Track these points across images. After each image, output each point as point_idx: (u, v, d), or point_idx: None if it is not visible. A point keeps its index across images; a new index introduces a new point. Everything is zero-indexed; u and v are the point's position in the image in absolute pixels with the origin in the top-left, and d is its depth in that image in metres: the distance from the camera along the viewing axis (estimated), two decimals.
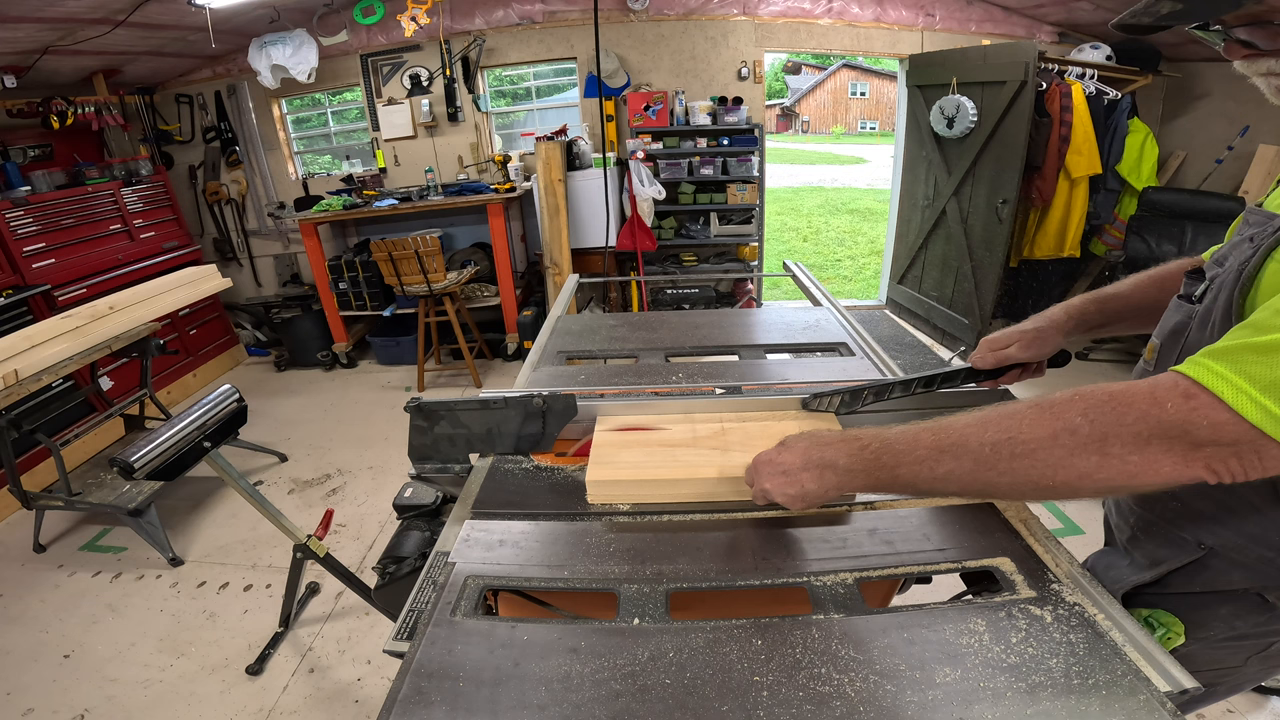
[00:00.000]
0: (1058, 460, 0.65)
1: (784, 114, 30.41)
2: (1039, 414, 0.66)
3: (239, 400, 1.75)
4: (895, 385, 1.06)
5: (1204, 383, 0.60)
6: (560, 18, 4.27)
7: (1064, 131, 3.41)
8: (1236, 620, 0.74)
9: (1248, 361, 0.58)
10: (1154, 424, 0.61)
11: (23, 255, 3.36)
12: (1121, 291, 1.05)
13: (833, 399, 1.07)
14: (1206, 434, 0.60)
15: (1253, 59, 0.66)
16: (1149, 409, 0.62)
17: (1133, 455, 0.62)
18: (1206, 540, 0.74)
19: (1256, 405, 0.57)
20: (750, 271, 4.67)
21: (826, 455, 0.78)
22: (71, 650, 2.20)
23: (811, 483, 0.78)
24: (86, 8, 3.09)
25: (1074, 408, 0.65)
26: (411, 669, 0.67)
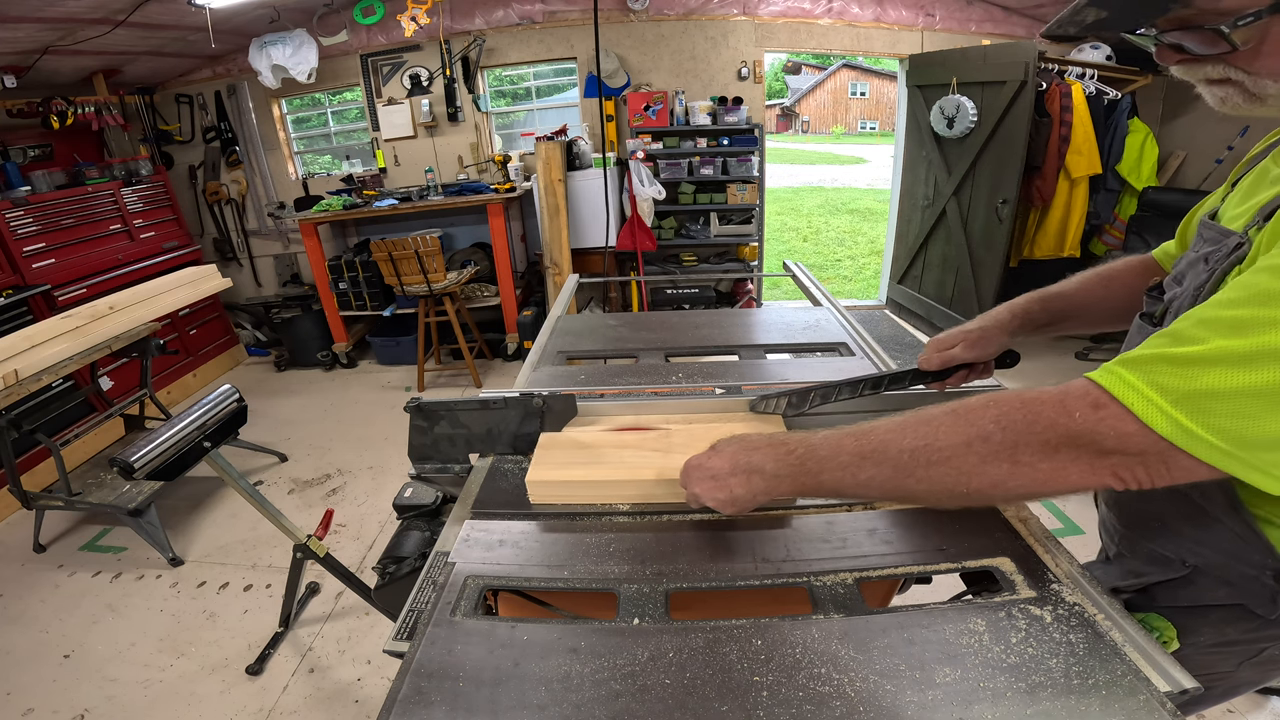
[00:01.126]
0: (971, 467, 0.65)
1: (784, 114, 30.42)
2: (954, 420, 0.66)
3: (239, 400, 1.75)
4: (843, 386, 1.05)
5: (1114, 393, 0.59)
6: (560, 18, 4.27)
7: (1064, 131, 3.41)
8: (1226, 627, 0.73)
9: (1161, 372, 0.58)
10: (1062, 432, 0.61)
11: (23, 255, 3.36)
12: (1067, 290, 1.04)
13: (779, 401, 1.06)
14: (1113, 443, 0.60)
15: (1187, 64, 0.64)
16: (1058, 417, 0.62)
17: (1042, 463, 0.63)
18: (1190, 559, 0.74)
19: (1167, 417, 0.57)
20: (750, 271, 4.67)
21: (753, 460, 0.77)
22: (71, 650, 2.21)
23: (740, 488, 0.78)
24: (86, 8, 3.09)
25: (987, 414, 0.65)
26: (411, 669, 0.67)
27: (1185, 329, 0.59)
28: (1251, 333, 0.54)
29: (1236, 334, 0.55)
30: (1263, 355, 0.53)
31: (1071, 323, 1.04)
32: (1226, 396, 0.54)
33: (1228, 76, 0.62)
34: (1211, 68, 0.63)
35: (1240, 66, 0.60)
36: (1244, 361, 0.54)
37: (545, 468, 0.96)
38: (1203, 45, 0.60)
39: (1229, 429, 0.55)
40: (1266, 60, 0.58)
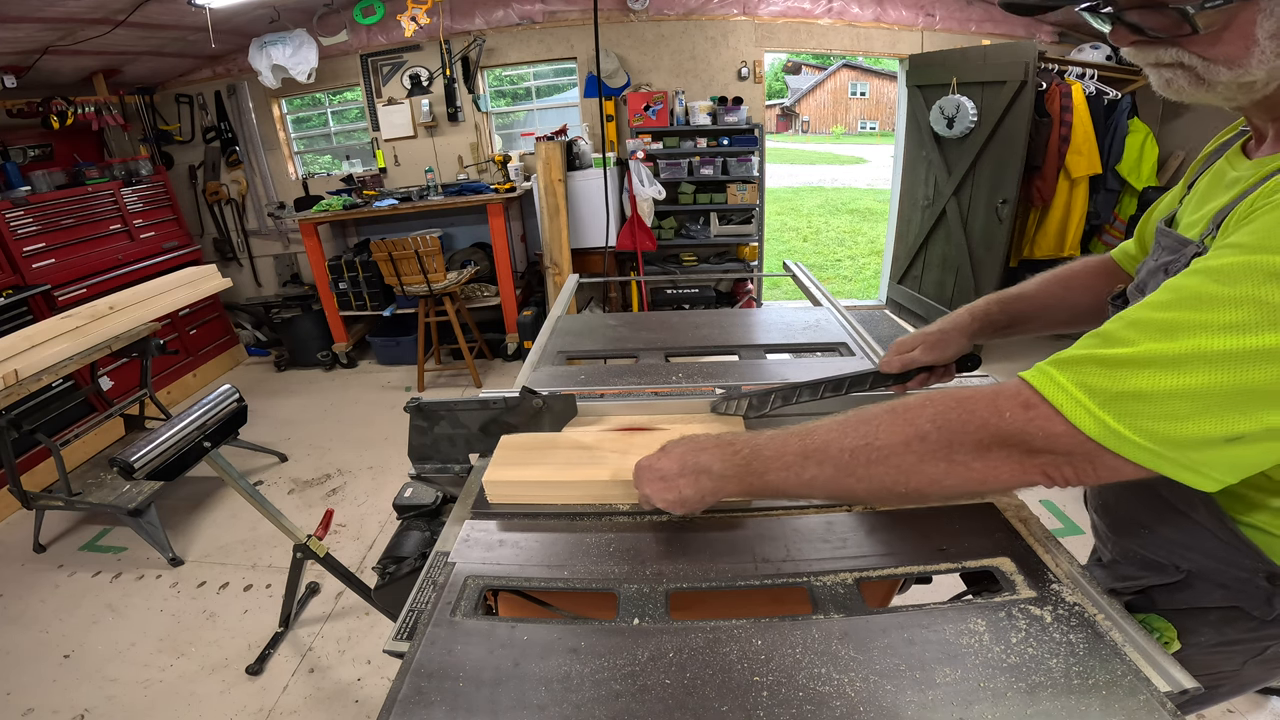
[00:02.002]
0: (910, 466, 0.66)
1: (784, 114, 30.42)
2: (893, 419, 0.67)
3: (239, 400, 1.75)
4: (803, 389, 1.05)
5: (1044, 393, 0.60)
6: (560, 18, 4.27)
7: (1064, 131, 3.41)
8: (1225, 627, 0.73)
9: (1090, 373, 0.58)
10: (994, 432, 0.62)
11: (23, 255, 3.36)
12: (1026, 292, 1.04)
13: (740, 402, 1.06)
14: (1042, 443, 0.60)
15: (1141, 46, 0.63)
16: (989, 417, 0.62)
17: (976, 462, 0.64)
18: (1182, 564, 0.74)
19: (1094, 418, 0.57)
20: (750, 271, 4.67)
21: (701, 460, 0.78)
22: (71, 650, 2.21)
23: (688, 488, 0.78)
24: (86, 8, 3.09)
25: (924, 413, 0.66)
26: (411, 669, 0.67)
27: (1116, 330, 0.59)
28: (1181, 336, 0.54)
29: (1166, 337, 0.55)
30: (1191, 358, 0.53)
31: (1031, 324, 1.05)
32: (1154, 399, 0.55)
33: (1180, 61, 0.61)
34: (1165, 51, 0.61)
35: (1196, 52, 0.59)
36: (1172, 364, 0.54)
37: (502, 468, 0.96)
38: (1162, 26, 0.59)
39: (1156, 430, 0.55)
40: (1225, 47, 0.57)
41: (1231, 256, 0.55)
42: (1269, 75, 0.58)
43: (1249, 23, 0.55)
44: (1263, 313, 0.51)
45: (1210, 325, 0.53)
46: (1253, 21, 0.55)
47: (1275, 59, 0.56)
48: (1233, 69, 0.58)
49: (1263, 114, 0.67)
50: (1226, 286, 0.54)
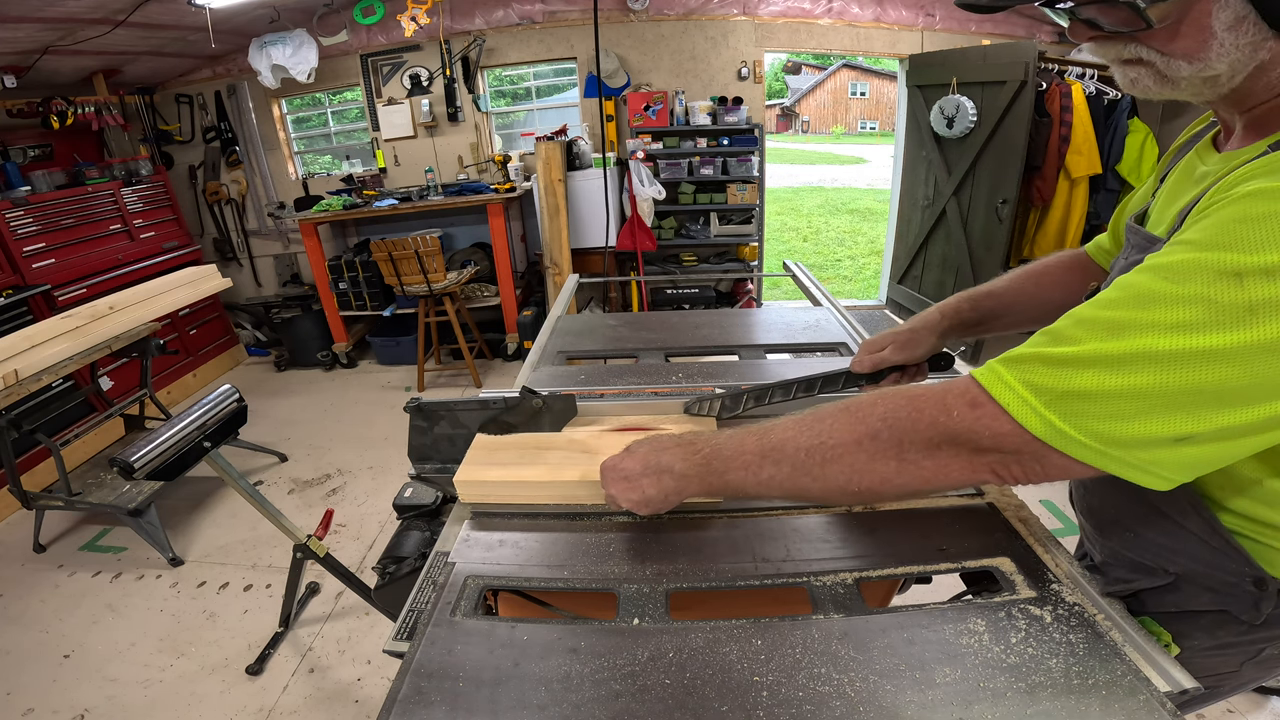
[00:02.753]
0: (862, 465, 0.66)
1: (784, 114, 30.42)
2: (847, 418, 0.67)
3: (239, 400, 1.75)
4: (775, 389, 1.05)
5: (991, 391, 0.60)
6: (560, 18, 4.27)
7: (1064, 131, 3.41)
8: (1218, 630, 0.72)
9: (1037, 372, 0.58)
10: (942, 430, 0.62)
11: (23, 255, 3.36)
12: (996, 289, 1.04)
13: (713, 403, 1.06)
14: (989, 442, 0.60)
15: (1101, 42, 0.62)
16: (938, 415, 0.62)
17: (926, 460, 0.64)
18: (1171, 568, 0.73)
19: (1040, 417, 0.57)
20: (750, 271, 4.67)
21: (663, 460, 0.78)
22: (71, 650, 2.21)
23: (651, 488, 0.78)
24: (86, 8, 3.09)
25: (876, 412, 0.66)
26: (411, 669, 0.67)
27: (1065, 328, 0.59)
28: (1127, 335, 0.54)
29: (1112, 336, 0.55)
30: (1136, 358, 0.53)
31: (1002, 321, 1.04)
32: (1099, 398, 0.54)
33: (1140, 56, 0.60)
34: (1124, 46, 0.60)
35: (1155, 46, 0.58)
36: (1117, 364, 0.54)
37: (473, 467, 0.96)
38: (1117, 22, 0.58)
39: (1101, 430, 0.55)
40: (1183, 41, 0.56)
41: (1181, 254, 0.54)
42: (1231, 68, 0.56)
43: (1204, 14, 0.54)
44: (1210, 312, 0.50)
45: (1156, 324, 0.52)
46: (1208, 13, 0.53)
47: (1235, 51, 0.55)
48: (1193, 63, 0.57)
49: (1229, 108, 0.65)
50: (1174, 285, 0.53)
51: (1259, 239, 0.50)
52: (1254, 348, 0.49)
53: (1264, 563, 0.67)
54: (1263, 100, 0.60)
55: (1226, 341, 0.50)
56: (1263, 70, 0.57)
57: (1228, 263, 0.50)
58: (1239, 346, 0.50)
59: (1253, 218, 0.51)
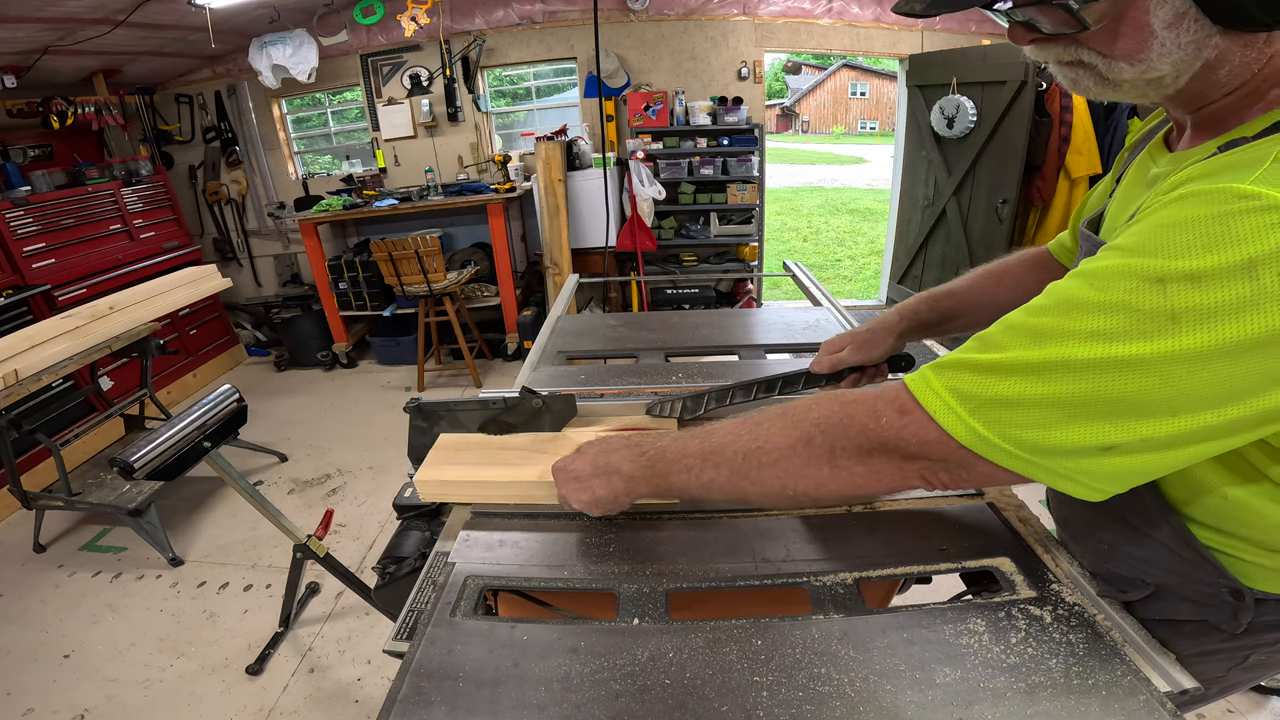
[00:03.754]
0: (796, 470, 0.66)
1: (784, 114, 30.43)
2: (784, 423, 0.67)
3: (239, 400, 1.75)
4: (736, 390, 1.05)
5: (919, 398, 0.59)
6: (560, 18, 4.27)
7: (1064, 131, 3.41)
8: (1201, 639, 0.71)
9: (963, 378, 0.57)
10: (872, 437, 0.62)
11: (23, 255, 3.36)
12: (957, 289, 1.03)
13: (675, 404, 1.06)
14: (916, 449, 0.60)
15: (1040, 44, 0.60)
16: (868, 422, 0.62)
17: (857, 466, 0.64)
18: (1148, 579, 0.72)
19: (965, 425, 0.57)
20: (750, 271, 4.67)
21: (612, 461, 0.79)
22: (71, 650, 2.21)
23: (600, 489, 0.79)
24: (86, 8, 3.09)
25: (810, 417, 0.66)
26: (411, 669, 0.67)
27: (995, 334, 0.58)
28: (1049, 343, 0.53)
29: (1035, 343, 0.54)
30: (1055, 366, 0.52)
31: (962, 321, 1.03)
32: (1022, 406, 0.54)
33: (1080, 59, 0.58)
34: (1064, 49, 0.58)
35: (1094, 48, 0.56)
36: (1038, 372, 0.53)
37: (432, 468, 0.97)
38: (1054, 23, 0.56)
39: (1024, 438, 0.55)
40: (1123, 42, 0.54)
41: (1109, 259, 0.53)
42: (1175, 68, 0.54)
43: (1142, 13, 0.51)
44: (1131, 320, 0.49)
45: (1077, 333, 0.51)
46: (1145, 10, 0.51)
47: (1178, 50, 0.52)
48: (1134, 65, 0.54)
49: (1178, 107, 0.63)
50: (1099, 291, 0.51)
51: (1184, 244, 0.48)
52: (1175, 357, 0.48)
53: (1238, 574, 0.66)
54: (1212, 100, 0.58)
55: (1146, 350, 0.48)
56: (1210, 69, 0.54)
57: (1151, 269, 0.49)
58: (1159, 356, 0.48)
59: (1180, 222, 0.49)
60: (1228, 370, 0.47)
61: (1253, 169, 0.48)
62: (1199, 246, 0.47)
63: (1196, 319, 0.47)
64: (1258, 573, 0.66)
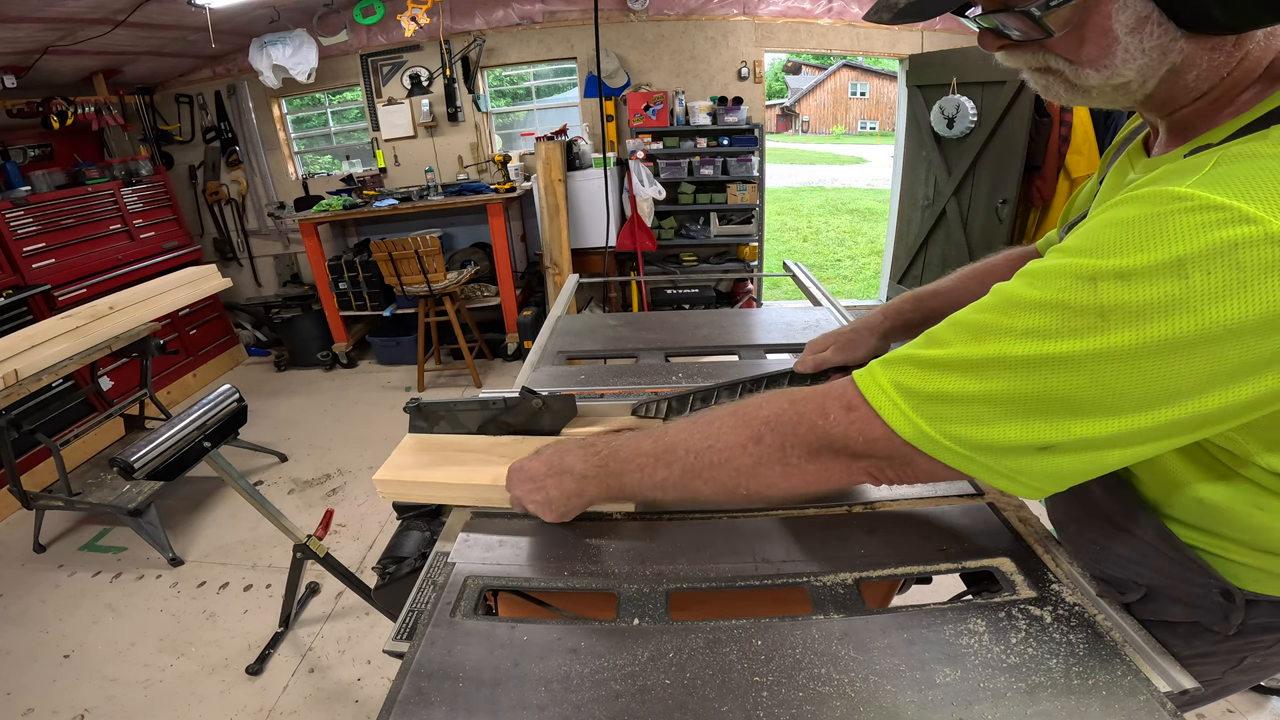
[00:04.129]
0: (747, 468, 0.66)
1: (784, 114, 30.43)
2: (734, 421, 0.67)
3: (239, 400, 1.75)
4: (722, 389, 1.04)
5: (866, 394, 0.59)
6: (560, 18, 4.27)
7: (1064, 131, 3.41)
8: (1194, 640, 0.71)
9: (907, 374, 0.57)
10: (820, 435, 0.62)
11: (23, 255, 3.36)
12: (942, 288, 1.04)
13: (660, 405, 1.06)
14: (863, 447, 0.60)
15: (1010, 50, 0.59)
16: (817, 420, 0.62)
17: (808, 465, 0.64)
18: (1140, 580, 0.72)
19: (908, 420, 0.57)
20: (750, 271, 4.67)
21: (565, 461, 0.78)
22: (71, 650, 2.21)
23: (554, 489, 0.78)
24: (86, 8, 3.09)
25: (760, 415, 0.65)
26: (411, 669, 0.67)
27: (940, 331, 0.58)
28: (988, 340, 0.53)
29: (974, 340, 0.54)
30: (991, 363, 0.52)
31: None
32: (959, 402, 0.54)
33: (1048, 65, 0.57)
34: (1032, 55, 0.58)
35: (1061, 54, 0.55)
36: (975, 368, 0.53)
37: (391, 468, 0.97)
38: (1021, 30, 0.56)
39: (961, 434, 0.55)
40: (1088, 48, 0.53)
41: (1051, 259, 0.53)
42: (1141, 74, 0.53)
43: (1104, 18, 0.51)
44: (1064, 318, 0.49)
45: (1012, 330, 0.52)
46: (1108, 15, 0.51)
47: (1142, 55, 0.52)
48: (1100, 70, 0.54)
49: (1150, 112, 0.63)
50: (1037, 290, 0.52)
51: (1117, 242, 0.48)
52: (1105, 355, 0.48)
53: (1227, 574, 0.66)
54: (1182, 104, 0.58)
55: (1076, 348, 0.49)
56: (1177, 73, 0.54)
57: (1085, 267, 0.49)
58: (1089, 354, 0.48)
59: (1117, 222, 0.49)
60: (1159, 370, 0.47)
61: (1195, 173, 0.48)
62: (1131, 245, 0.47)
63: (1125, 317, 0.47)
64: (1246, 573, 0.65)
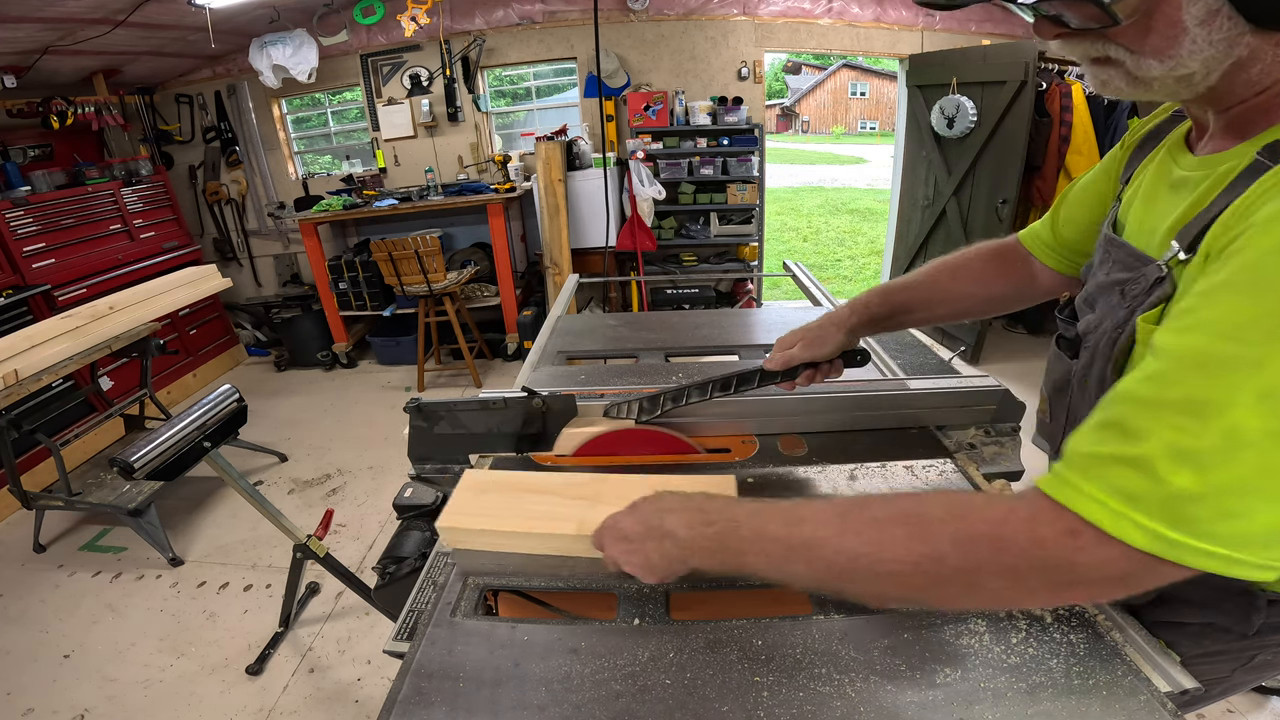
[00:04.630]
0: (922, 586, 0.58)
1: (784, 114, 30.42)
2: (906, 532, 0.58)
3: (239, 400, 1.75)
4: (692, 390, 1.03)
5: (1087, 516, 0.51)
6: (560, 18, 4.27)
7: (1064, 131, 3.41)
8: (1204, 640, 0.70)
9: (1123, 477, 0.50)
10: (1034, 560, 0.54)
11: (23, 255, 3.36)
12: (910, 282, 1.01)
13: (631, 405, 1.05)
14: (1095, 573, 0.52)
15: (1067, 39, 0.58)
16: (1030, 548, 0.54)
17: (1009, 589, 0.57)
18: None
19: (1144, 531, 0.49)
20: (750, 271, 4.67)
21: (666, 524, 0.68)
22: (71, 650, 2.20)
23: (655, 554, 0.68)
24: (86, 8, 3.09)
25: (945, 532, 0.57)
26: (411, 669, 0.67)
27: (1126, 417, 0.51)
28: (1209, 417, 0.46)
29: (1193, 419, 0.47)
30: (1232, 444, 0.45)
31: (915, 315, 1.01)
32: (1206, 498, 0.46)
33: (1108, 55, 0.56)
34: (1093, 44, 0.56)
35: (1123, 44, 0.54)
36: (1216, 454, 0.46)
37: (459, 514, 0.86)
38: (1083, 18, 0.54)
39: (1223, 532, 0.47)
40: (1154, 38, 0.52)
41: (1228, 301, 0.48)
42: (1205, 66, 0.52)
43: (1174, 8, 0.50)
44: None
45: (1237, 399, 0.45)
46: (1178, 7, 0.50)
47: (1209, 48, 0.51)
48: (1164, 61, 0.53)
49: (1203, 106, 0.62)
50: (1240, 344, 0.45)
51: None
52: None
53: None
54: (1241, 99, 0.57)
55: None
56: (1240, 67, 0.53)
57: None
58: None
59: None
60: None
61: None
62: None
63: None
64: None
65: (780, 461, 1.05)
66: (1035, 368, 1.00)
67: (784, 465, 1.04)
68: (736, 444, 1.11)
